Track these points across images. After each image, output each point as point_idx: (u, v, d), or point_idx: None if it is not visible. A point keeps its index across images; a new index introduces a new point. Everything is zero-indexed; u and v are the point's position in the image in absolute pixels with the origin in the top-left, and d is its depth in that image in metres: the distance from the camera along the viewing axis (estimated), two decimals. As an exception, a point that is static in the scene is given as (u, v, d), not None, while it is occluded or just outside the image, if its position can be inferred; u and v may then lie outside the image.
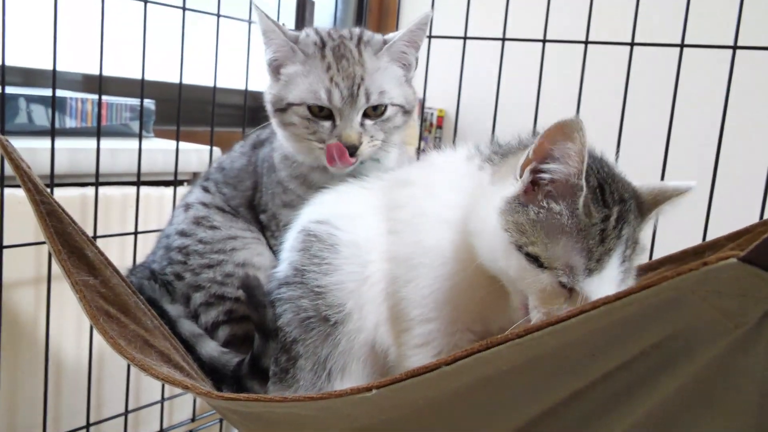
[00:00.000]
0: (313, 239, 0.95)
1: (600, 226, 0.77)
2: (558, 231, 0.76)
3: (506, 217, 0.79)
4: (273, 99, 1.11)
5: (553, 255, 0.76)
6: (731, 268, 0.51)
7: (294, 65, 1.09)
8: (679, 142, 1.32)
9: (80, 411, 1.39)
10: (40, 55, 1.77)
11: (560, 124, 0.75)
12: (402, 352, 0.89)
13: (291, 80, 1.09)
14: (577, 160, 0.75)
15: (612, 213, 0.78)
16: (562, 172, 0.77)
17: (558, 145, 0.76)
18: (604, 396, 0.66)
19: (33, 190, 0.90)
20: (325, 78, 1.06)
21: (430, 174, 0.98)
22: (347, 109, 1.06)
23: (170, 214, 1.42)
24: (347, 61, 1.08)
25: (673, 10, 1.30)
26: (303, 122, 1.08)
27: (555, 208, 0.77)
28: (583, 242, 0.76)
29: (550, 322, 0.59)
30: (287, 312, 0.94)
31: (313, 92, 1.06)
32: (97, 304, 0.90)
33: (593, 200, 0.78)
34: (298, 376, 0.94)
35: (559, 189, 0.77)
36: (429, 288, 0.86)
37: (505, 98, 1.46)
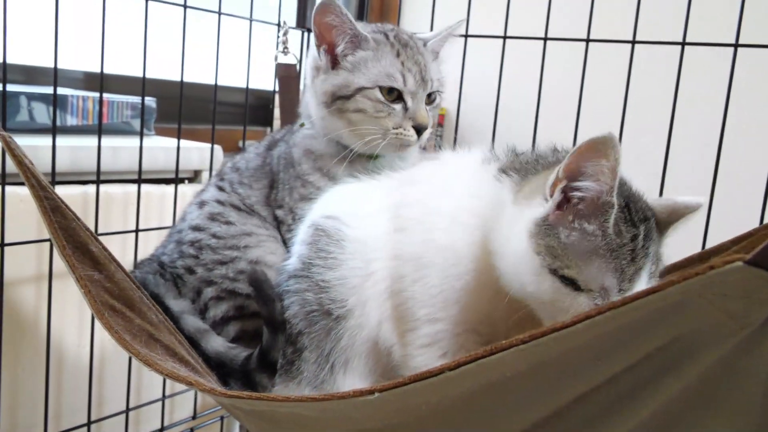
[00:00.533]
0: (321, 234, 0.96)
1: (630, 246, 0.77)
2: (591, 252, 0.76)
3: (537, 240, 0.78)
4: (334, 88, 1.12)
5: (589, 277, 0.76)
6: (737, 271, 0.51)
7: (364, 51, 1.12)
8: (680, 141, 1.32)
9: (81, 408, 1.39)
10: (41, 52, 1.77)
11: (595, 141, 0.74)
12: (407, 351, 0.89)
13: (358, 66, 1.12)
14: (610, 177, 0.74)
15: (639, 232, 0.78)
16: (595, 189, 0.76)
17: (592, 162, 0.75)
18: (609, 399, 0.66)
19: (36, 186, 0.90)
20: (397, 63, 1.11)
21: (444, 174, 0.97)
22: (420, 91, 1.11)
23: (172, 212, 1.43)
24: (411, 50, 1.14)
25: (674, 8, 1.30)
26: (375, 105, 1.10)
27: (588, 228, 0.77)
28: (615, 262, 0.76)
29: (555, 327, 0.59)
30: (294, 304, 0.95)
31: (388, 75, 1.10)
32: (102, 298, 0.90)
33: (622, 219, 0.78)
34: (302, 368, 0.94)
35: (590, 208, 0.77)
36: (438, 287, 0.86)
37: (507, 96, 1.46)
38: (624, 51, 1.33)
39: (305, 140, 1.20)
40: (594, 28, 1.35)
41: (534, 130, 1.41)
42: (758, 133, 1.76)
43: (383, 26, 1.19)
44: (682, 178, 1.62)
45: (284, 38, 1.54)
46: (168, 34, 1.51)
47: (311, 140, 1.20)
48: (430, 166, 1.02)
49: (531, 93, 1.41)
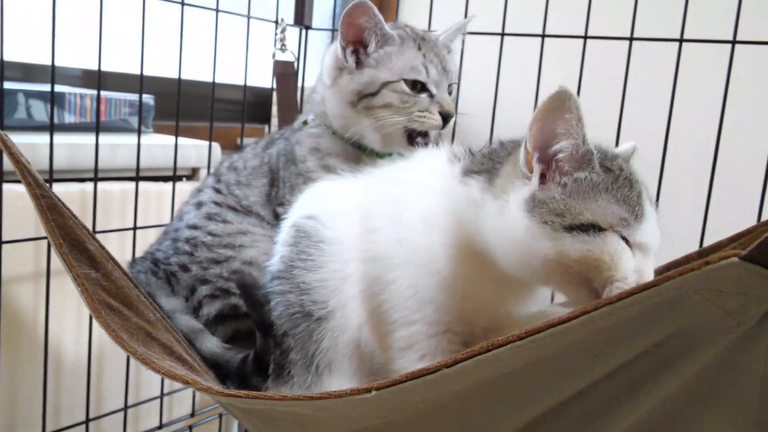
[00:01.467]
0: (302, 235, 0.95)
1: (623, 174, 0.78)
2: (594, 192, 0.76)
3: (538, 210, 0.77)
4: (360, 86, 1.15)
5: (604, 213, 0.75)
6: (733, 267, 0.51)
7: (388, 47, 1.16)
8: (677, 138, 1.32)
9: (80, 406, 1.39)
10: (39, 50, 1.77)
11: (552, 99, 0.74)
12: (388, 355, 0.89)
13: (382, 62, 1.15)
14: (579, 127, 0.75)
15: (621, 164, 0.80)
16: (571, 144, 0.76)
17: (558, 121, 0.75)
18: (606, 395, 0.66)
19: (33, 184, 0.89)
20: (419, 55, 1.16)
21: (415, 173, 0.96)
22: (443, 80, 1.16)
23: (170, 209, 1.43)
24: (430, 43, 1.19)
25: (672, 5, 1.30)
26: (401, 97, 1.14)
27: (580, 176, 0.77)
28: (619, 192, 0.76)
29: (551, 323, 0.59)
30: (278, 305, 0.95)
31: (412, 68, 1.14)
32: (99, 296, 0.90)
33: (603, 158, 0.79)
34: (291, 371, 0.94)
35: (571, 163, 0.77)
36: (412, 288, 0.85)
37: (504, 93, 1.46)
38: (622, 48, 1.33)
39: (310, 138, 1.21)
40: (591, 25, 1.35)
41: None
42: (756, 130, 1.75)
43: (399, 23, 1.22)
44: (680, 175, 1.62)
45: (282, 35, 1.54)
46: (166, 31, 1.51)
47: (317, 138, 1.20)
48: (402, 164, 1.02)
49: (529, 89, 1.41)
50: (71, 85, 1.77)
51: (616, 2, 1.41)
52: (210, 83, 1.46)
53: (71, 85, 1.77)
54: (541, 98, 1.37)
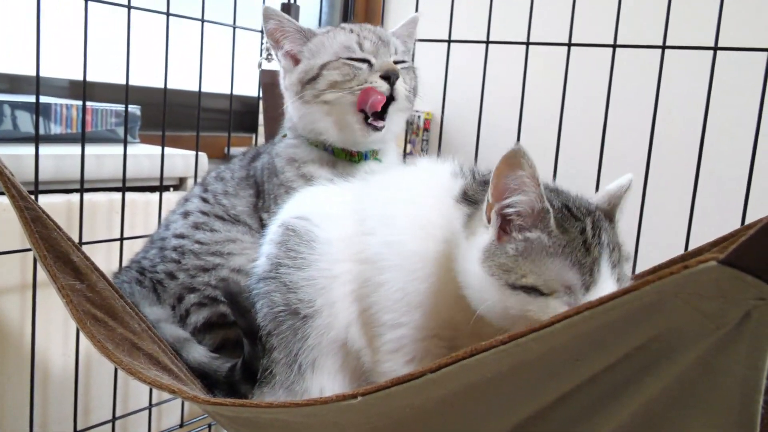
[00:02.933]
0: (291, 234, 0.95)
1: (580, 238, 0.77)
2: (543, 255, 0.76)
3: (488, 263, 0.78)
4: (300, 75, 1.17)
5: (549, 278, 0.76)
6: (711, 271, 0.52)
7: (315, 39, 1.19)
8: (661, 143, 1.33)
9: (67, 418, 1.39)
10: (25, 61, 1.76)
11: (505, 157, 0.75)
12: (376, 357, 0.89)
13: (316, 51, 1.18)
14: (533, 185, 0.76)
15: (586, 224, 0.79)
16: (524, 201, 0.77)
17: (510, 178, 0.76)
18: (590, 398, 0.66)
19: (17, 196, 0.89)
20: (352, 36, 1.17)
21: (415, 181, 0.97)
22: (381, 49, 1.16)
23: (157, 219, 1.43)
24: (364, 28, 1.20)
25: (654, 12, 1.31)
26: (341, 71, 1.14)
27: (532, 236, 0.77)
28: (571, 257, 0.76)
29: (534, 328, 0.59)
30: (263, 306, 0.95)
31: (345, 47, 1.15)
32: (84, 308, 0.90)
33: (563, 217, 0.78)
34: (274, 371, 0.94)
35: (527, 219, 0.78)
36: (402, 291, 0.86)
37: (491, 100, 1.47)
38: (605, 55, 1.34)
39: (288, 149, 1.22)
40: (575, 33, 1.36)
41: (518, 133, 1.42)
42: (739, 135, 1.77)
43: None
44: (665, 180, 1.63)
45: (267, 45, 1.54)
46: (152, 42, 1.51)
47: (294, 149, 1.22)
48: (402, 171, 1.03)
49: (515, 96, 1.42)
50: (57, 95, 1.77)
51: (600, 10, 1.42)
52: (196, 93, 1.46)
53: (57, 95, 1.77)
54: (526, 105, 1.39)
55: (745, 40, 1.22)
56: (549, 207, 0.77)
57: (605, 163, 1.34)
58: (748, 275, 0.52)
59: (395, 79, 1.12)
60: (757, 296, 0.53)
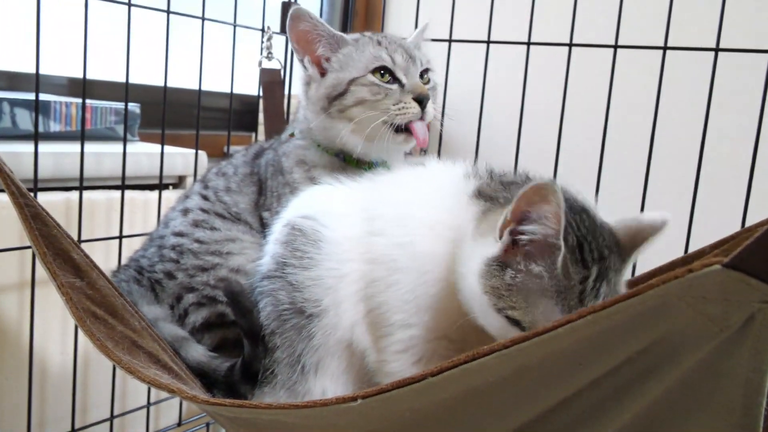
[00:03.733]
0: (297, 233, 0.95)
1: (579, 288, 0.76)
2: (538, 294, 0.76)
3: (485, 280, 0.78)
4: (327, 89, 1.14)
5: (534, 319, 0.75)
6: (716, 274, 0.52)
7: (345, 49, 1.16)
8: (662, 144, 1.33)
9: (65, 416, 1.38)
10: (24, 58, 1.76)
11: (535, 187, 0.74)
12: (382, 357, 0.89)
13: (344, 63, 1.15)
14: (554, 221, 0.74)
15: (591, 273, 0.77)
16: (540, 233, 0.76)
17: (534, 207, 0.75)
18: (592, 402, 0.66)
19: (17, 193, 0.89)
20: (381, 48, 1.15)
21: (426, 182, 0.97)
22: (410, 66, 1.14)
23: (156, 218, 1.43)
24: (390, 39, 1.18)
25: (656, 13, 1.31)
26: (371, 89, 1.12)
27: (534, 269, 0.76)
28: (562, 304, 0.75)
29: (537, 332, 0.59)
30: (267, 305, 0.95)
31: (375, 58, 1.13)
32: (84, 305, 0.89)
33: (572, 260, 0.77)
34: (276, 370, 0.94)
35: (537, 249, 0.77)
36: (412, 293, 0.86)
37: (491, 100, 1.47)
38: (606, 56, 1.34)
39: (297, 150, 1.21)
40: (576, 34, 1.35)
41: (518, 133, 1.42)
42: (739, 137, 1.77)
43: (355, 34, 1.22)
44: (665, 181, 1.63)
45: (268, 43, 1.54)
46: (152, 40, 1.51)
47: (304, 151, 1.21)
48: (412, 171, 1.02)
49: (515, 96, 1.41)
50: (57, 93, 1.76)
51: (601, 11, 1.42)
52: (196, 91, 1.46)
53: (57, 93, 1.76)
54: (526, 105, 1.39)
55: (747, 41, 1.22)
56: (562, 246, 0.75)
57: (606, 164, 1.34)
58: (752, 278, 0.52)
59: (426, 102, 1.12)
60: (761, 299, 0.54)
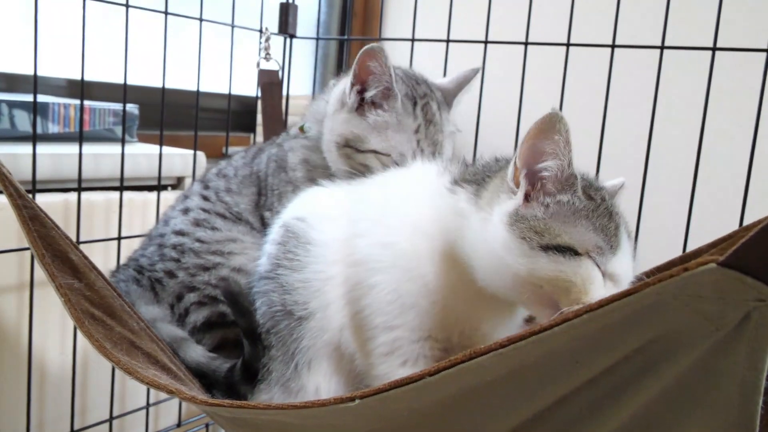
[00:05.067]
0: (290, 235, 0.96)
1: (604, 205, 0.80)
2: (574, 217, 0.78)
3: (518, 226, 0.78)
4: (352, 136, 1.13)
5: (582, 239, 0.77)
6: (711, 273, 0.52)
7: (389, 114, 1.12)
8: (660, 143, 1.33)
9: (64, 417, 1.38)
10: (23, 60, 1.76)
11: (543, 120, 0.77)
12: (369, 360, 0.89)
13: (380, 128, 1.12)
14: (566, 149, 0.77)
15: (604, 195, 0.82)
16: (556, 165, 0.79)
17: (547, 141, 0.78)
18: (589, 401, 0.67)
19: (15, 194, 0.89)
20: (413, 139, 1.13)
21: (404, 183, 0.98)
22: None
23: (155, 219, 1.43)
24: (434, 127, 1.16)
25: (653, 13, 1.31)
26: (383, 168, 1.11)
27: (563, 199, 0.79)
28: (598, 221, 0.78)
29: (533, 331, 0.59)
30: (263, 305, 0.96)
31: (401, 153, 1.12)
32: (82, 307, 0.89)
33: (587, 185, 0.81)
34: (271, 367, 0.95)
35: (556, 184, 0.79)
36: (395, 293, 0.86)
37: (489, 100, 1.47)
38: (604, 55, 1.34)
39: (303, 150, 1.21)
40: (574, 33, 1.36)
41: (516, 133, 1.42)
42: (737, 136, 1.77)
43: (416, 83, 1.19)
44: (663, 180, 1.63)
45: (266, 44, 1.54)
46: (150, 41, 1.51)
47: (309, 151, 1.21)
48: (393, 173, 1.03)
49: (513, 96, 1.42)
50: (55, 94, 1.77)
51: (598, 10, 1.42)
52: (194, 92, 1.46)
53: (55, 94, 1.77)
54: (524, 105, 1.39)
55: (744, 40, 1.22)
56: (577, 174, 0.79)
57: (603, 163, 1.34)
58: (748, 277, 0.52)
59: None
60: (757, 298, 0.54)
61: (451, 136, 1.21)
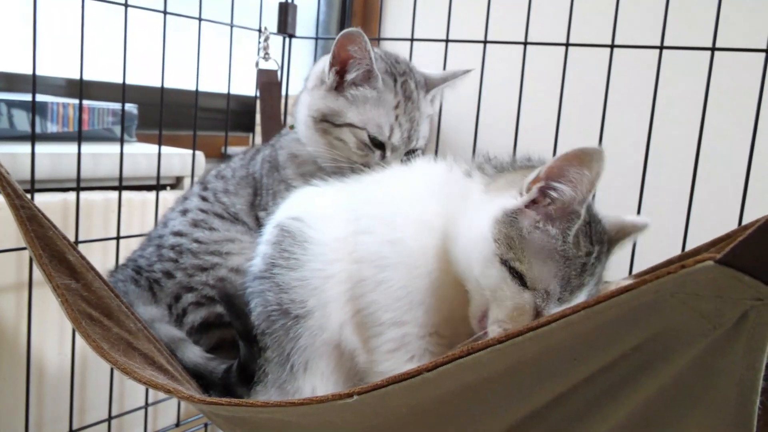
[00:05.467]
0: (286, 234, 0.96)
1: (583, 260, 0.79)
2: (546, 254, 0.78)
3: (500, 227, 0.79)
4: (327, 110, 1.15)
5: (537, 276, 0.77)
6: (708, 271, 0.52)
7: (369, 90, 1.14)
8: (659, 143, 1.33)
9: (63, 417, 1.38)
10: (22, 59, 1.76)
11: (585, 150, 0.76)
12: (372, 358, 0.89)
13: (358, 102, 1.14)
14: (587, 188, 0.76)
15: (593, 251, 0.81)
16: (569, 195, 0.78)
17: (575, 169, 0.77)
18: (586, 398, 0.66)
19: (12, 194, 0.89)
20: (392, 115, 1.14)
21: (412, 178, 0.98)
22: (401, 147, 1.15)
23: (154, 219, 1.43)
24: (412, 104, 1.17)
25: (652, 13, 1.31)
26: (358, 144, 1.13)
27: (551, 231, 0.78)
28: (565, 270, 0.78)
29: (531, 327, 0.59)
30: (257, 306, 0.95)
31: (379, 125, 1.13)
32: (80, 307, 0.89)
33: (583, 233, 0.80)
34: (266, 369, 0.94)
35: (558, 212, 0.79)
36: (405, 289, 0.86)
37: (488, 100, 1.47)
38: (603, 55, 1.34)
39: (291, 143, 1.21)
40: (573, 33, 1.36)
41: (515, 133, 1.42)
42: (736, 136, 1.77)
43: (396, 62, 1.20)
44: (662, 180, 1.63)
45: (265, 44, 1.54)
46: (149, 40, 1.51)
47: (297, 144, 1.21)
48: (398, 170, 1.03)
49: (512, 96, 1.42)
50: (54, 94, 1.76)
51: (598, 10, 1.42)
52: (193, 92, 1.46)
53: (54, 94, 1.76)
54: (523, 105, 1.39)
55: (743, 40, 1.22)
56: (582, 214, 0.78)
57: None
58: (745, 275, 0.52)
59: None
60: (755, 296, 0.54)
61: (427, 118, 1.22)
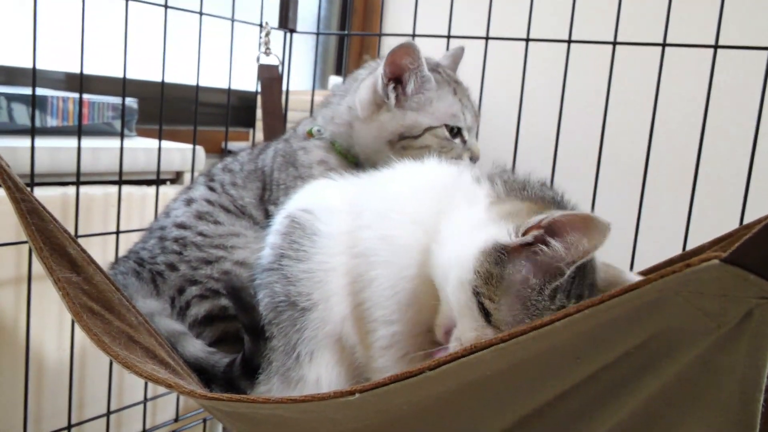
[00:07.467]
0: (296, 226, 0.96)
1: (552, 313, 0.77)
2: (519, 300, 0.76)
3: (484, 260, 0.77)
4: (403, 129, 1.16)
5: (501, 318, 0.76)
6: (713, 269, 0.52)
7: (427, 91, 1.17)
8: (661, 141, 1.33)
9: (62, 412, 1.38)
10: (22, 53, 1.75)
11: (590, 219, 0.72)
12: (369, 353, 0.89)
13: (424, 107, 1.17)
14: (579, 255, 0.73)
15: (568, 305, 0.77)
16: (560, 255, 0.75)
17: (576, 233, 0.73)
18: (589, 397, 0.66)
19: (13, 188, 0.88)
20: (456, 101, 1.19)
21: (417, 176, 0.98)
22: (474, 126, 1.20)
23: (154, 213, 1.42)
24: (459, 85, 1.22)
25: (655, 9, 1.31)
26: (440, 142, 1.16)
27: (531, 281, 0.76)
28: (531, 319, 0.75)
29: (534, 326, 0.59)
30: (265, 297, 0.95)
31: (453, 115, 1.17)
32: (81, 301, 0.89)
33: (563, 289, 0.76)
34: (271, 358, 0.94)
35: (545, 264, 0.76)
36: (392, 288, 0.86)
37: (489, 97, 1.47)
38: (605, 52, 1.33)
39: (319, 150, 1.22)
40: (575, 30, 1.35)
41: (516, 130, 1.42)
42: (738, 134, 1.77)
43: (429, 60, 1.22)
44: (664, 178, 1.63)
45: (266, 39, 1.53)
46: (149, 34, 1.51)
47: (325, 152, 1.22)
48: (408, 167, 1.02)
49: (513, 93, 1.41)
50: (54, 88, 1.76)
51: (600, 7, 1.42)
52: (194, 86, 1.45)
53: (54, 88, 1.76)
54: (525, 102, 1.39)
55: (746, 38, 1.22)
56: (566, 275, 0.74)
57: (604, 161, 1.34)
58: (750, 274, 0.52)
59: (476, 161, 1.21)
60: (759, 295, 0.53)
61: None
